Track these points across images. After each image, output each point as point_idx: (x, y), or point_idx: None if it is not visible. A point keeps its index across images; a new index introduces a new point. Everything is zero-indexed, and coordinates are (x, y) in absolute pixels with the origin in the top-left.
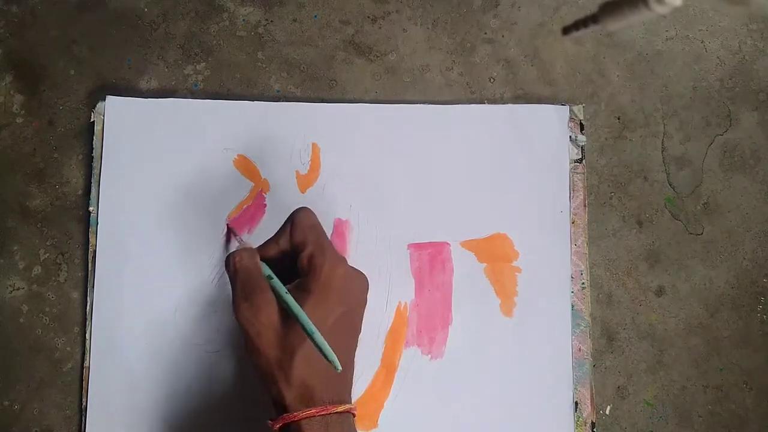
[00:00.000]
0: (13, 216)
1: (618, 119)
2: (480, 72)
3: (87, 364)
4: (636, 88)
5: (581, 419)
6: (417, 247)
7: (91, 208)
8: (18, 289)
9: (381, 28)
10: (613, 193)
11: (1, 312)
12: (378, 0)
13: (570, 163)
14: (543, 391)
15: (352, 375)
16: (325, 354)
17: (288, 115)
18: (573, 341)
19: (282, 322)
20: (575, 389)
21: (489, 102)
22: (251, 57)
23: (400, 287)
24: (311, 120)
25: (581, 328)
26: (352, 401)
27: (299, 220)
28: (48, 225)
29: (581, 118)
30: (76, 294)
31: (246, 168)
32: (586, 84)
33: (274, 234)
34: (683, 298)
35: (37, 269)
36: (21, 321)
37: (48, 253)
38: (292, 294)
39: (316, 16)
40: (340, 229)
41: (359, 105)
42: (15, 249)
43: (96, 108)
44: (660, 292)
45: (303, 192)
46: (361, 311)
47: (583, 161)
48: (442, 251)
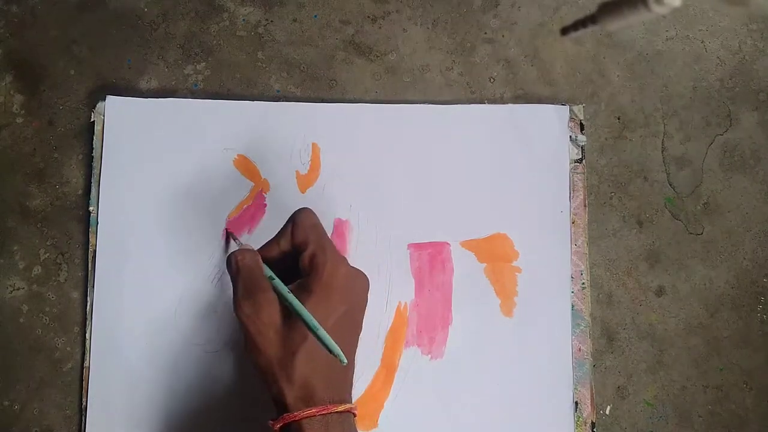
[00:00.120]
0: (13, 216)
1: (618, 119)
2: (480, 72)
3: (87, 364)
4: (636, 88)
5: (581, 419)
6: (417, 247)
7: (91, 208)
8: (18, 289)
9: (381, 28)
10: (613, 193)
11: (1, 312)
12: (378, 0)
13: (570, 163)
14: (543, 391)
15: (352, 375)
16: (330, 348)
17: (288, 115)
18: (573, 341)
19: (283, 321)
20: (575, 389)
21: (489, 102)
22: (251, 57)
23: (400, 287)
24: (311, 120)
25: (581, 328)
26: (352, 401)
27: (300, 220)
28: (48, 225)
29: (581, 118)
30: (76, 294)
31: (246, 168)
32: (586, 84)
33: (275, 235)
34: (683, 298)
35: (37, 269)
36: (21, 321)
37: (48, 253)
38: (293, 294)
39: (316, 16)
40: (340, 229)
41: (359, 105)
42: (15, 249)
43: (96, 108)
44: (660, 292)
45: (303, 192)
46: (362, 311)
47: (583, 161)
48: (442, 251)
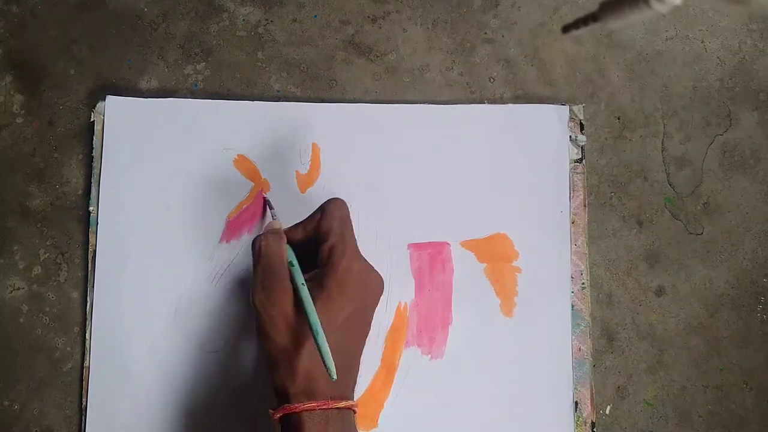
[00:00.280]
0: (13, 216)
1: (618, 119)
2: (480, 72)
3: (87, 364)
4: (636, 88)
5: (581, 419)
6: (417, 247)
7: (91, 208)
8: (18, 289)
9: (381, 28)
10: (613, 193)
11: (1, 312)
12: (378, 0)
13: (570, 163)
14: (543, 391)
15: (356, 373)
16: (324, 358)
17: (288, 115)
18: (573, 341)
19: (295, 312)
20: (575, 389)
21: (489, 102)
22: (251, 57)
23: (400, 287)
24: (311, 120)
25: (581, 328)
26: (354, 399)
27: (329, 209)
28: (48, 225)
29: (581, 118)
30: (76, 294)
31: (246, 168)
32: (586, 84)
33: (304, 218)
34: (683, 298)
35: (37, 269)
36: (21, 321)
37: (48, 253)
38: (308, 284)
39: (316, 16)
40: None
41: (359, 105)
42: (15, 249)
43: (96, 108)
44: (660, 292)
45: (303, 192)
46: (373, 310)
47: (583, 161)
48: (442, 251)
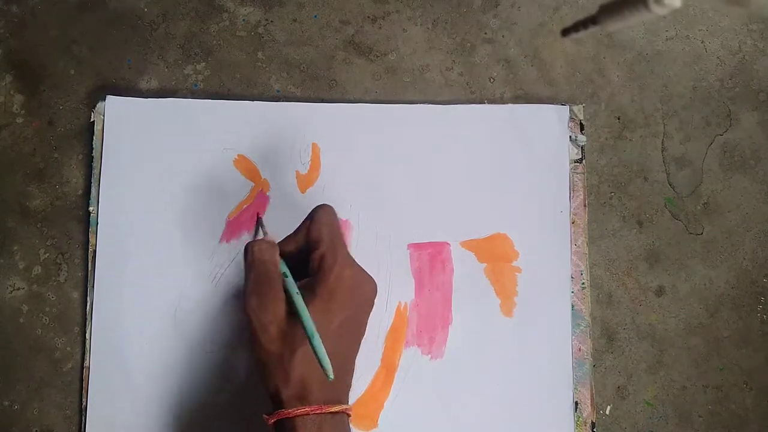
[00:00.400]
0: (13, 216)
1: (618, 119)
2: (480, 72)
3: (87, 364)
4: (636, 88)
5: (581, 419)
6: (417, 247)
7: (91, 208)
8: (18, 289)
9: (381, 28)
10: (613, 193)
11: (1, 312)
12: (378, 0)
13: (570, 163)
14: (543, 391)
15: (351, 378)
16: (320, 360)
17: (288, 116)
18: (573, 341)
19: (288, 319)
20: (575, 389)
21: (489, 102)
22: (251, 57)
23: (400, 287)
24: (311, 120)
25: (581, 328)
26: (348, 403)
27: (318, 217)
28: (48, 225)
29: (581, 118)
30: (76, 294)
31: (246, 168)
32: (586, 84)
33: (295, 229)
34: (683, 298)
35: (37, 269)
36: (21, 321)
37: (48, 253)
38: (300, 293)
39: (316, 16)
40: None
41: (359, 105)
42: (15, 249)
43: (96, 108)
44: (660, 292)
45: (303, 192)
46: (367, 315)
47: (583, 161)
48: (442, 251)
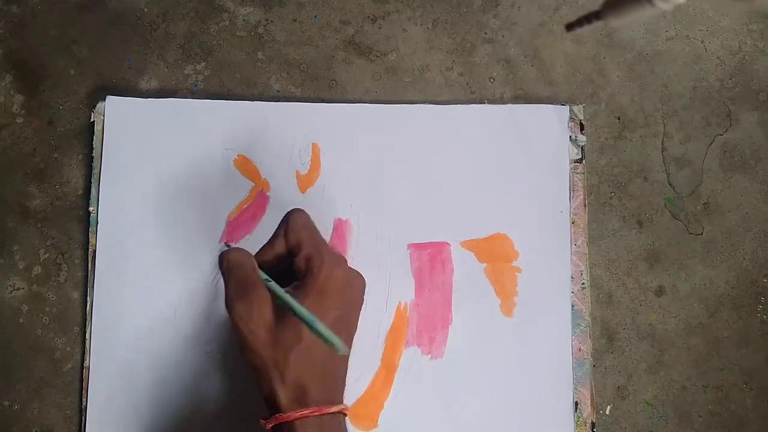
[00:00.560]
0: (13, 216)
1: (618, 119)
2: (480, 72)
3: (87, 364)
4: (636, 88)
5: (581, 419)
6: (417, 247)
7: (91, 208)
8: (18, 289)
9: (381, 28)
10: (613, 193)
11: (1, 312)
12: (378, 0)
13: (570, 163)
14: (543, 391)
15: (345, 375)
16: (328, 339)
17: (288, 116)
18: (573, 341)
19: (276, 320)
20: (575, 389)
21: (489, 102)
22: (251, 57)
23: (400, 287)
24: (311, 120)
25: (581, 328)
26: (344, 401)
27: (293, 221)
28: (48, 225)
29: (581, 118)
30: (76, 294)
31: (246, 168)
32: (586, 84)
33: (269, 238)
34: (683, 298)
35: (37, 269)
36: (21, 321)
37: (48, 253)
38: (287, 295)
39: (316, 16)
40: (340, 229)
41: (359, 105)
42: (15, 249)
43: (96, 108)
44: (660, 292)
45: (303, 192)
46: (358, 312)
47: (583, 161)
48: (442, 251)
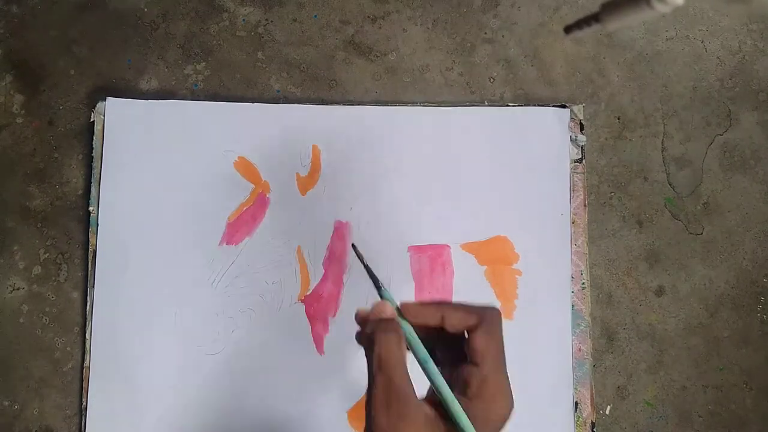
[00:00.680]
0: (13, 216)
1: (618, 119)
2: (480, 72)
3: (87, 364)
4: (636, 88)
5: (581, 419)
6: (417, 250)
7: (91, 208)
8: (18, 289)
9: (381, 28)
10: (613, 193)
11: (1, 312)
12: (378, 0)
13: (570, 163)
14: (543, 391)
15: None
16: (464, 428)
17: (289, 118)
18: (573, 341)
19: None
20: (575, 389)
21: (489, 102)
22: (251, 57)
23: (400, 289)
24: (312, 122)
25: (581, 328)
26: None
27: (488, 323)
28: (48, 225)
29: (581, 118)
30: (76, 294)
31: (247, 170)
32: (586, 84)
33: (442, 303)
34: (683, 298)
35: (37, 269)
36: (21, 321)
37: (48, 253)
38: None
39: (316, 16)
40: (340, 231)
41: (360, 107)
42: (15, 249)
43: (96, 108)
44: (660, 292)
45: (303, 194)
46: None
47: (583, 161)
48: (442, 254)
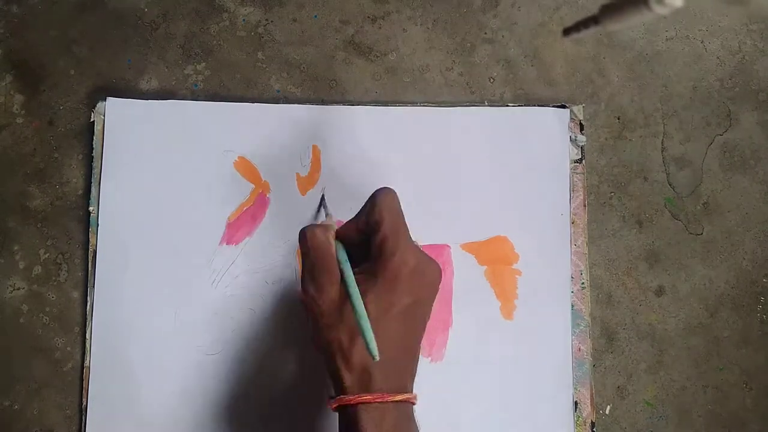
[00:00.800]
0: (13, 216)
1: (618, 119)
2: (480, 72)
3: (87, 364)
4: (636, 88)
5: (581, 419)
6: None
7: (91, 208)
8: (18, 289)
9: (381, 28)
10: (613, 193)
11: (1, 312)
12: (378, 0)
13: (570, 164)
14: (543, 391)
15: (416, 364)
16: (366, 340)
17: (289, 118)
18: (573, 341)
19: (347, 303)
20: (575, 389)
21: (489, 102)
22: (251, 57)
23: None
24: (312, 122)
25: (581, 328)
26: (413, 391)
27: (379, 199)
28: (48, 225)
29: (581, 118)
30: (76, 294)
31: (246, 170)
32: (586, 84)
33: (355, 214)
34: (683, 298)
35: (37, 269)
36: (21, 321)
37: (48, 253)
38: (360, 276)
39: (316, 16)
40: None
41: (360, 107)
42: (15, 249)
43: (96, 108)
44: (660, 292)
45: (303, 194)
46: (431, 300)
47: (583, 161)
48: (442, 254)
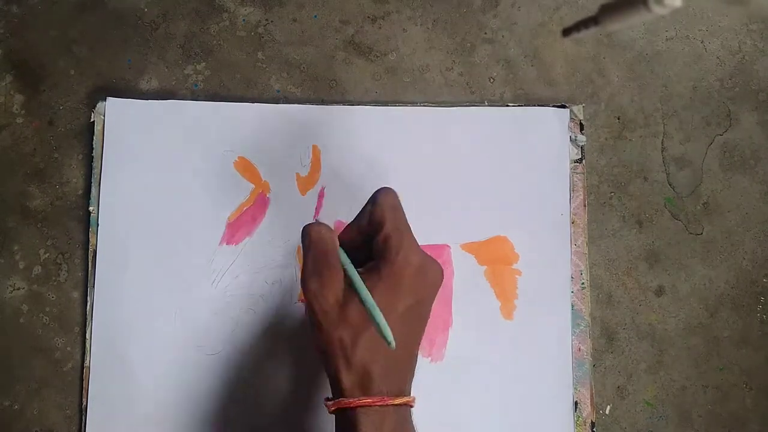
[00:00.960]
0: (13, 216)
1: (618, 119)
2: (480, 72)
3: (87, 364)
4: (636, 88)
5: (581, 419)
6: None
7: (91, 208)
8: (18, 289)
9: (381, 28)
10: (613, 193)
11: (1, 312)
12: (378, 0)
13: (570, 163)
14: (543, 391)
15: (414, 366)
16: (382, 330)
17: (289, 118)
18: (573, 341)
19: (349, 303)
20: (575, 389)
21: (489, 102)
22: (251, 57)
23: None
24: (312, 122)
25: (581, 328)
26: (411, 393)
27: (380, 199)
28: (48, 225)
29: (581, 118)
30: (76, 294)
31: (246, 170)
32: (586, 84)
33: (356, 216)
34: (683, 298)
35: (37, 269)
36: (21, 321)
37: (48, 253)
38: (362, 276)
39: (316, 16)
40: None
41: (360, 107)
42: (15, 249)
43: (96, 108)
44: (660, 292)
45: (303, 194)
46: (431, 301)
47: (583, 161)
48: (442, 254)
